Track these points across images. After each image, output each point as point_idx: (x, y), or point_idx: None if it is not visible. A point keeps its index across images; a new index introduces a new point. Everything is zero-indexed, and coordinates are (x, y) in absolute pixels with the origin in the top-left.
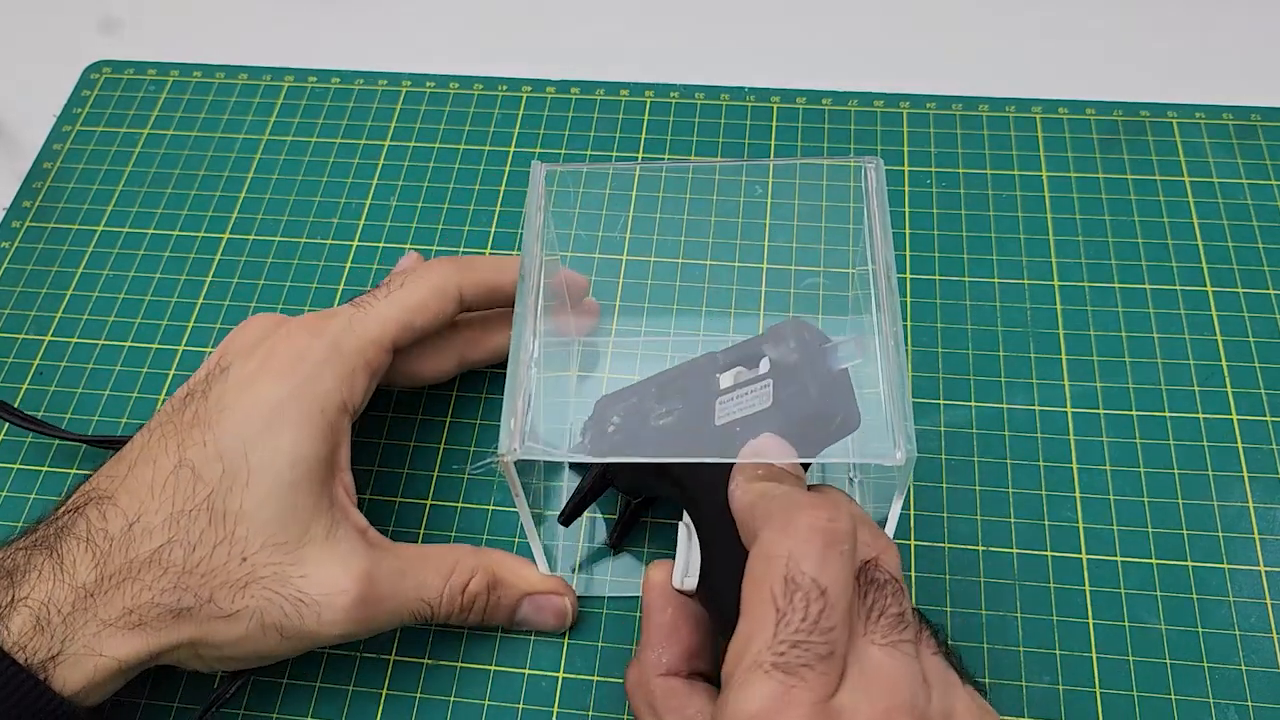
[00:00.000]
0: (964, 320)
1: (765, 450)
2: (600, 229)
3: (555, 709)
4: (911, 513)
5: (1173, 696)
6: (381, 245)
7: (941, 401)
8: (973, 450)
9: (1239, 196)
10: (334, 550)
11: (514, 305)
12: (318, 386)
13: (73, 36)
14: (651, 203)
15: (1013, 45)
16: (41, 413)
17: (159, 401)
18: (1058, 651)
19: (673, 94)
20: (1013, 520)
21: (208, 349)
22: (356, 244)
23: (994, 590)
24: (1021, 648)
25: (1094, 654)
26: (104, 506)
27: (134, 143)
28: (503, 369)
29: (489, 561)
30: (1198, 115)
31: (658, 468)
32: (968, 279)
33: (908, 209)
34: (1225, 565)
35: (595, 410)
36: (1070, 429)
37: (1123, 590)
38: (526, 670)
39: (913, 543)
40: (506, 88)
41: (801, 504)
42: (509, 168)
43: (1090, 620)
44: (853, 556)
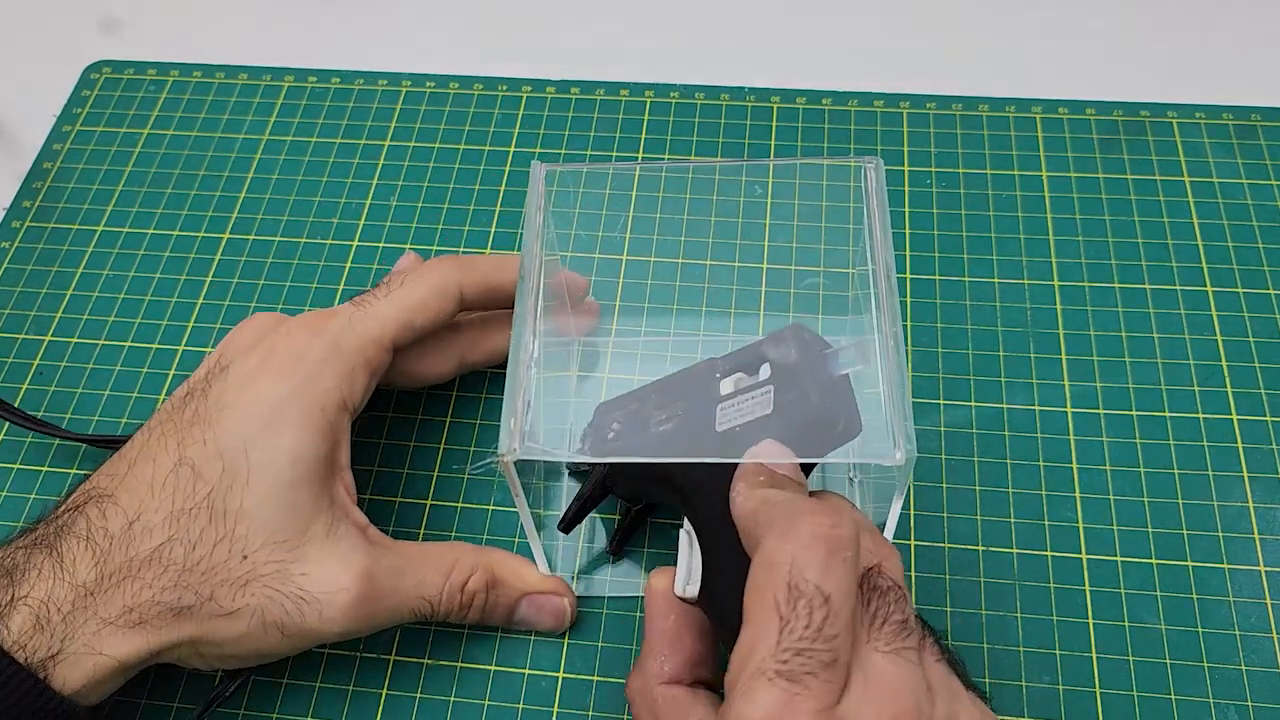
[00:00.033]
0: (964, 320)
1: (767, 456)
2: (600, 229)
3: (555, 709)
4: (911, 513)
5: (1173, 696)
6: (381, 245)
7: (941, 401)
8: (973, 450)
9: (1239, 196)
10: (335, 548)
11: (514, 305)
12: (318, 385)
13: (73, 36)
14: (651, 203)
15: (1013, 45)
16: (41, 413)
17: (159, 401)
18: (1058, 651)
19: (673, 94)
20: (1013, 520)
21: (208, 349)
22: (356, 244)
23: (994, 590)
24: (1021, 648)
25: (1094, 654)
26: (104, 505)
27: (134, 143)
28: (503, 369)
29: (489, 560)
30: (1198, 115)
31: (659, 475)
32: (968, 279)
33: (908, 209)
34: (1225, 565)
35: (595, 416)
36: (1070, 429)
37: (1123, 590)
38: (526, 670)
39: (913, 543)
40: (506, 88)
41: (803, 510)
42: (509, 168)
43: (1090, 620)
44: (856, 563)
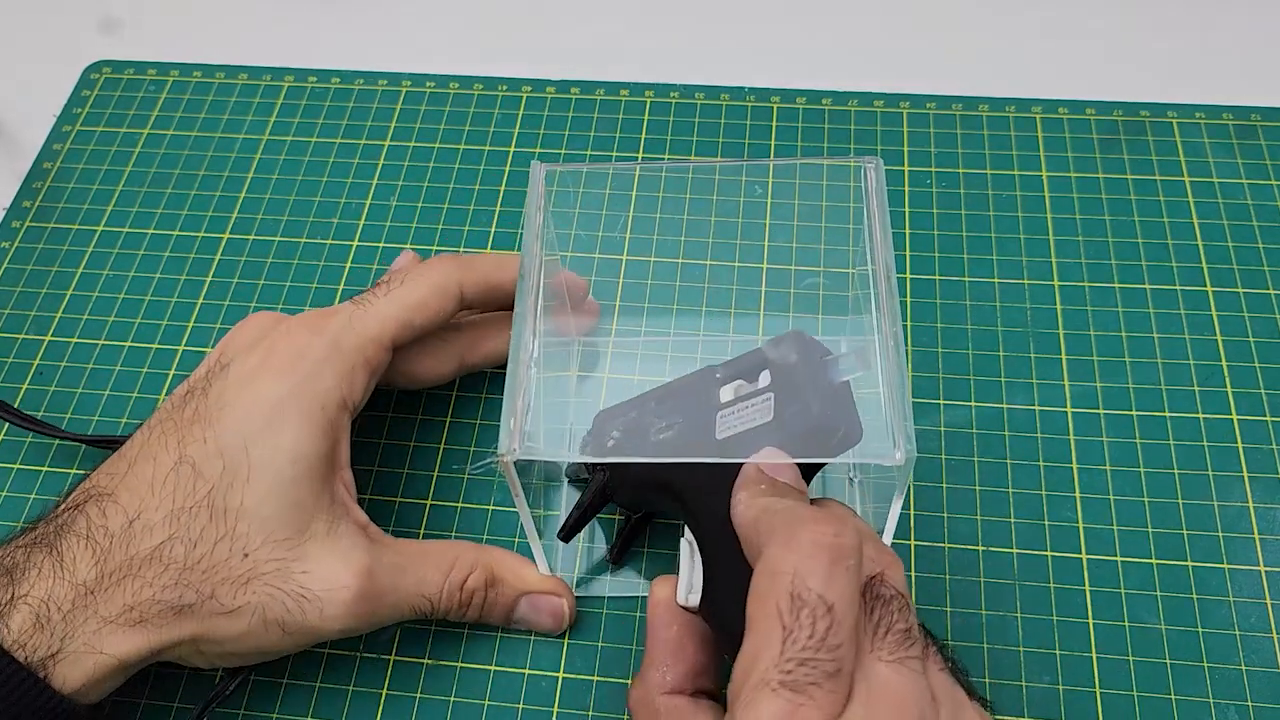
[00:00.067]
0: (964, 320)
1: (767, 464)
2: (600, 229)
3: (555, 709)
4: (911, 513)
5: (1173, 696)
6: (381, 245)
7: (941, 401)
8: (973, 450)
9: (1239, 196)
10: (335, 546)
11: (514, 305)
12: (318, 384)
13: (73, 36)
14: (651, 203)
15: (1013, 45)
16: (41, 413)
17: (159, 401)
18: (1058, 651)
19: (673, 94)
20: (1013, 520)
21: (208, 349)
22: (356, 244)
23: (994, 590)
24: (1021, 648)
25: (1094, 654)
26: (104, 504)
27: (134, 143)
28: (503, 369)
29: (488, 559)
30: (1198, 115)
31: (659, 483)
32: (968, 279)
33: (908, 209)
34: (1225, 565)
35: (594, 424)
36: (1070, 429)
37: (1123, 590)
38: (526, 670)
39: (913, 543)
40: (506, 88)
41: (805, 519)
42: (509, 168)
43: (1090, 620)
44: (859, 572)
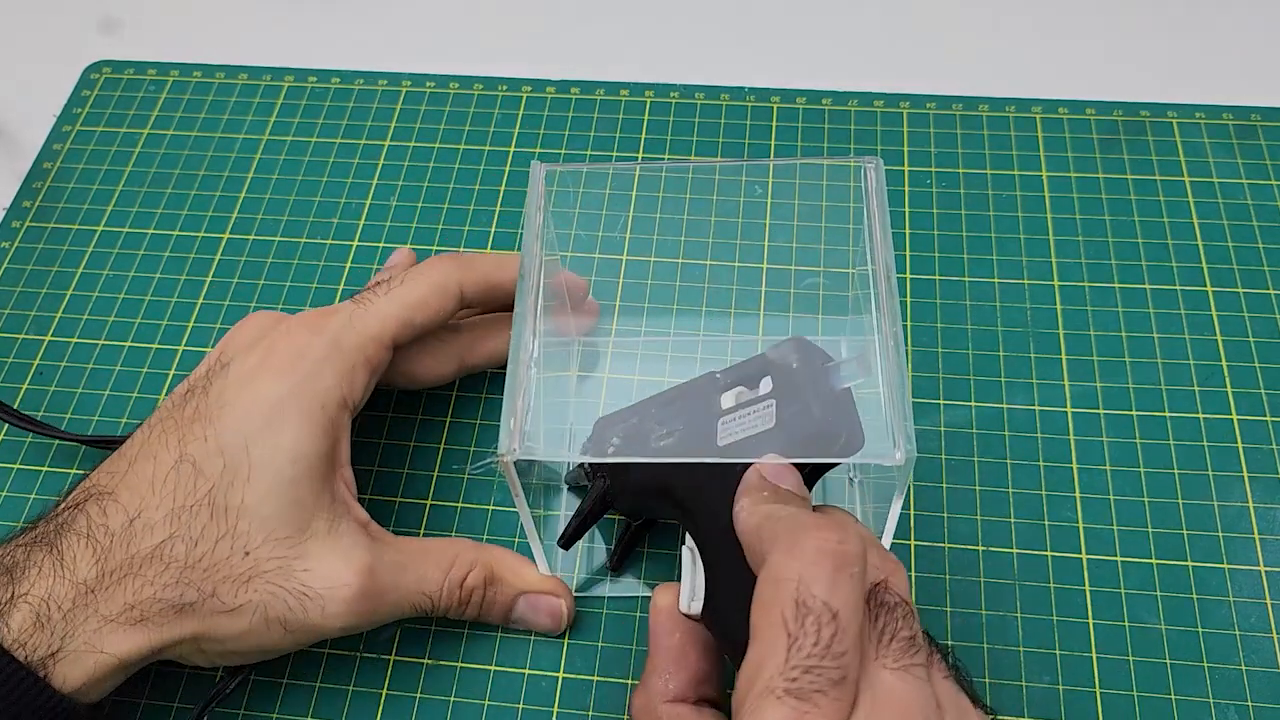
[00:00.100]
0: (964, 320)
1: (769, 470)
2: (600, 229)
3: (555, 709)
4: (911, 513)
5: (1173, 696)
6: (381, 245)
7: (941, 401)
8: (973, 450)
9: (1239, 196)
10: (336, 544)
11: (514, 305)
12: (318, 383)
13: (73, 36)
14: (651, 203)
15: (1013, 45)
16: (41, 413)
17: (159, 401)
18: (1058, 651)
19: (673, 94)
20: (1013, 520)
21: (208, 349)
22: (356, 244)
23: (994, 590)
24: (1021, 648)
25: (1094, 654)
26: (104, 502)
27: (134, 143)
28: (503, 369)
29: (488, 557)
30: (1198, 115)
31: (660, 490)
32: (968, 279)
33: (908, 209)
34: (1225, 565)
35: (594, 431)
36: (1070, 429)
37: (1123, 590)
38: (526, 670)
39: (913, 543)
40: (506, 88)
41: (809, 526)
42: (509, 168)
43: (1090, 620)
44: (863, 579)
